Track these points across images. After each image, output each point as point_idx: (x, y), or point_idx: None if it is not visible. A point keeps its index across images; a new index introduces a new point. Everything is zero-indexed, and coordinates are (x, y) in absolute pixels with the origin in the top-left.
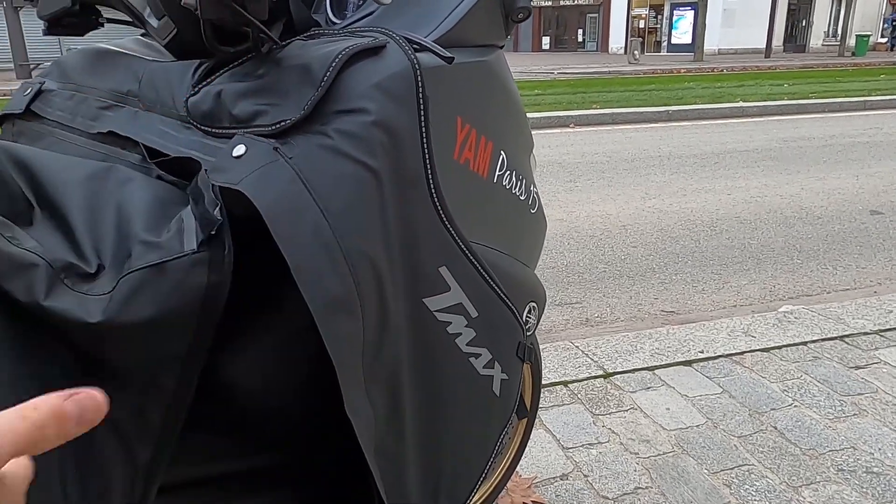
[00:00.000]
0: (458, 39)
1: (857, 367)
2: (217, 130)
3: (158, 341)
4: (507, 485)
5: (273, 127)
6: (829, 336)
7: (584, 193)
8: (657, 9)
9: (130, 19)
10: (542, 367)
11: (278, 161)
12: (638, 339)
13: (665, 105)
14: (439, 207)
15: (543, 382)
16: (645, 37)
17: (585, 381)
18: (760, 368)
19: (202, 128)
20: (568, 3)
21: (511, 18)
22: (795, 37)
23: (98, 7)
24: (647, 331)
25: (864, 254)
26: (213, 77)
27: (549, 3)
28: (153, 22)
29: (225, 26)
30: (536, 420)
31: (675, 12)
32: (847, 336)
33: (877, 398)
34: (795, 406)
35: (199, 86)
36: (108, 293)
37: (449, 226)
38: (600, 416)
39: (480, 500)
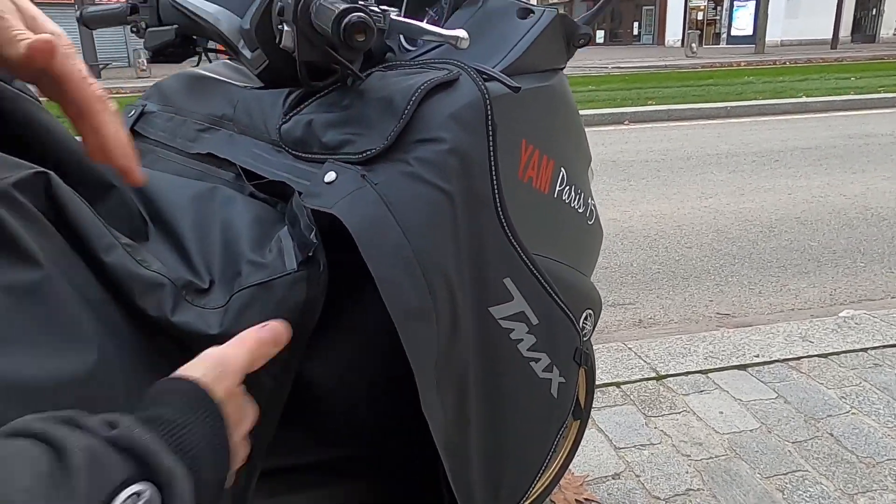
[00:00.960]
0: (524, 66)
1: None
2: (308, 156)
3: None
4: (560, 482)
5: (360, 155)
6: (890, 343)
7: (639, 192)
8: (716, 0)
9: (225, 49)
10: (596, 368)
11: (365, 187)
12: (691, 342)
13: (724, 101)
14: (505, 224)
15: (597, 383)
16: (703, 29)
17: (638, 383)
18: (818, 374)
19: (293, 153)
20: None
21: (572, 44)
22: (864, 27)
23: (196, 38)
24: (700, 333)
25: None
26: (302, 106)
27: None
28: (246, 53)
29: (317, 65)
30: (590, 420)
31: (735, 3)
32: None
33: None
34: (853, 413)
35: (291, 114)
36: (223, 307)
37: (513, 241)
38: (652, 418)
39: (535, 496)
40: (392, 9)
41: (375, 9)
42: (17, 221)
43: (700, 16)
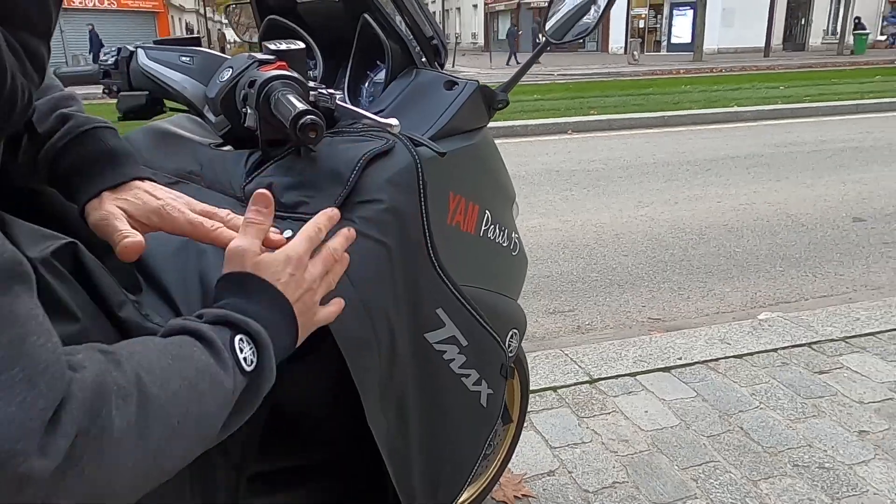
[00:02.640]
0: (450, 130)
1: (821, 372)
2: None
3: None
4: (500, 480)
5: (312, 216)
6: (798, 343)
7: (580, 202)
8: (657, 8)
9: (188, 109)
10: (533, 374)
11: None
12: (623, 347)
13: (661, 110)
14: (435, 264)
15: (535, 388)
16: (645, 37)
17: (573, 387)
18: (733, 374)
19: None
20: None
21: (493, 108)
22: (795, 35)
23: (163, 98)
24: (631, 339)
25: (843, 261)
26: (262, 169)
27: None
28: (210, 116)
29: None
30: (527, 422)
31: (674, 12)
32: (815, 343)
33: (835, 400)
34: (761, 408)
35: (253, 175)
36: None
37: (443, 276)
38: (585, 419)
39: (476, 494)
40: (338, 92)
41: (325, 92)
42: (58, 285)
43: (641, 24)
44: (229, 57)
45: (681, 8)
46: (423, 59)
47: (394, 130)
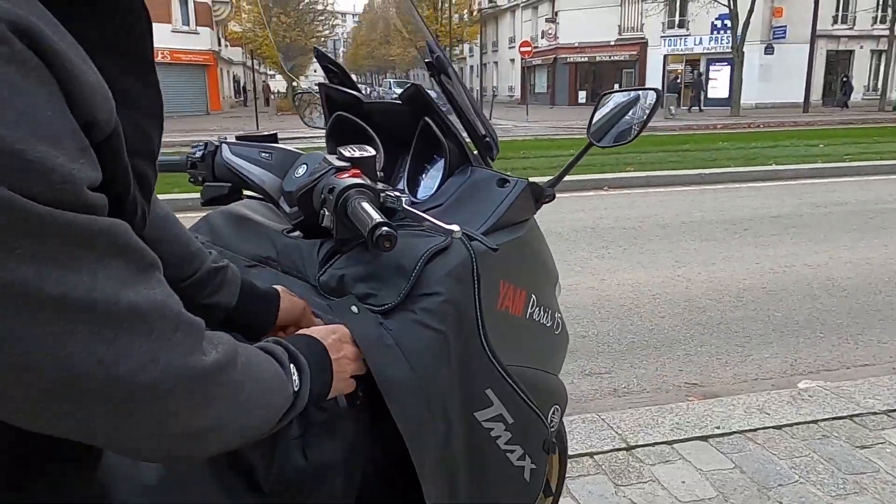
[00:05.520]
0: (502, 224)
1: (863, 447)
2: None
3: None
4: None
5: (380, 307)
6: (839, 415)
7: (616, 260)
8: (693, 64)
9: (265, 199)
10: (569, 439)
11: (384, 334)
12: (660, 413)
13: (699, 168)
14: (486, 347)
15: (572, 453)
16: (681, 92)
17: (609, 454)
18: (772, 445)
19: (331, 298)
20: (604, 58)
21: (539, 201)
22: (835, 91)
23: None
24: (668, 405)
25: (886, 329)
26: (333, 260)
27: (586, 59)
28: (285, 207)
29: None
30: (564, 489)
31: (711, 67)
32: (856, 415)
33: (878, 477)
34: (801, 483)
35: (326, 267)
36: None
37: (493, 359)
38: (622, 487)
39: None
40: (404, 195)
41: (393, 195)
42: None
43: (678, 79)
44: (302, 153)
45: (717, 64)
46: (476, 154)
47: (455, 236)
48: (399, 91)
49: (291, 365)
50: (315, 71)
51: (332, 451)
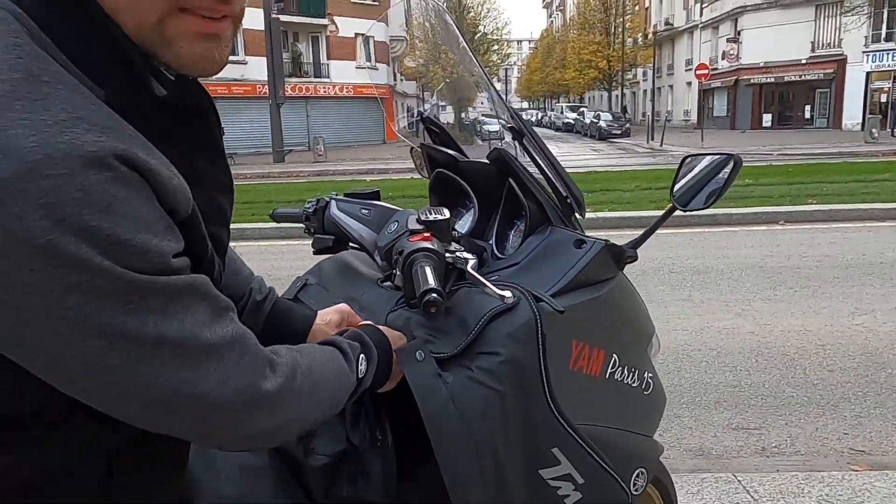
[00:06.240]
0: (577, 284)
1: None
2: None
3: None
4: None
5: (438, 354)
6: None
7: (783, 303)
8: None
9: (366, 250)
10: (695, 501)
11: (440, 385)
12: (808, 481)
13: None
14: (552, 407)
15: None
16: (887, 112)
17: None
18: None
19: None
20: (794, 78)
21: (622, 262)
22: None
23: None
24: (821, 472)
25: None
26: (404, 304)
27: (771, 80)
28: (377, 260)
29: None
30: None
31: None
32: None
33: None
34: None
35: (396, 308)
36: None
37: (560, 418)
38: None
39: None
40: (472, 257)
41: (461, 257)
42: None
43: (883, 98)
44: (399, 209)
45: None
46: (560, 212)
47: (508, 302)
48: (490, 125)
49: (362, 354)
50: (482, 103)
51: (357, 490)
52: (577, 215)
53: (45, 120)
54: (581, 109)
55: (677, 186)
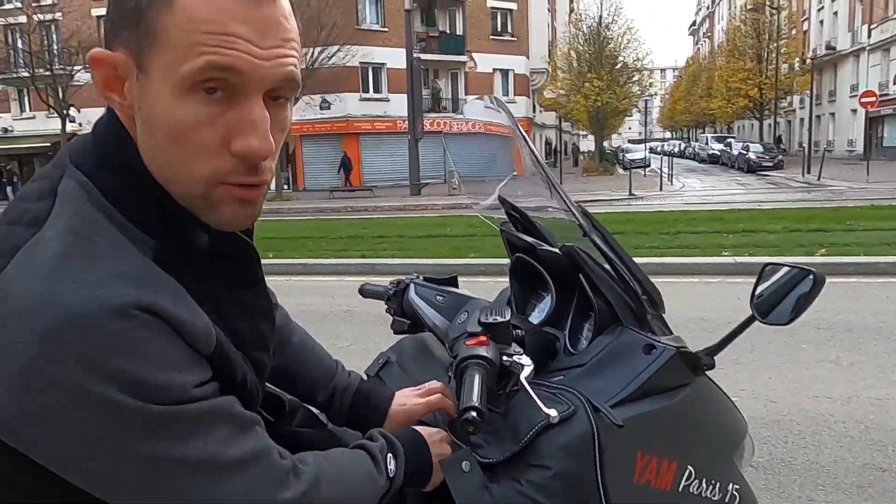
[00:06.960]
0: (644, 392)
1: None
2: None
3: None
4: None
5: (484, 459)
6: None
7: None
8: None
9: (439, 338)
10: None
11: (486, 496)
12: None
13: None
14: None
15: None
16: None
17: None
18: None
19: None
20: None
21: (699, 368)
22: None
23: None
24: None
25: None
26: None
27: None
28: (448, 352)
29: None
30: None
31: None
32: None
33: None
34: None
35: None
36: None
37: None
38: None
39: None
40: (529, 363)
41: (519, 362)
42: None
43: None
44: (473, 298)
45: None
46: (634, 311)
47: (552, 421)
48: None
49: (389, 454)
50: (620, 133)
51: None
52: (655, 312)
53: (86, 278)
54: (728, 140)
55: (756, 294)
